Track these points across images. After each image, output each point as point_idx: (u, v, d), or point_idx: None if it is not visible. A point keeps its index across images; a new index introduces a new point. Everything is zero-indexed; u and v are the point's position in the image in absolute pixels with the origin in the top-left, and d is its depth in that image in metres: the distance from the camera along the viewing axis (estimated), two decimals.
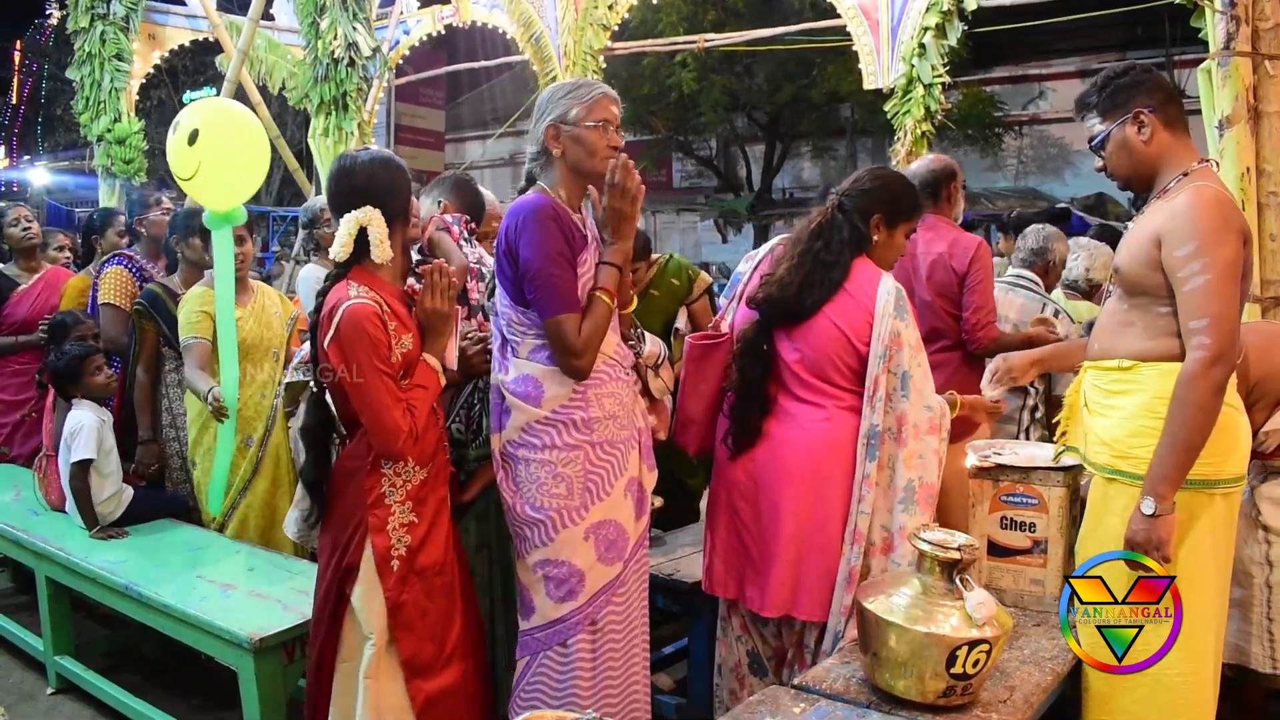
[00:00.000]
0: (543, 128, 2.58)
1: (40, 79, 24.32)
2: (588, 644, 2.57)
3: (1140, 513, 2.29)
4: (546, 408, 2.53)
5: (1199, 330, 2.26)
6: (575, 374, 2.51)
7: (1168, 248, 2.31)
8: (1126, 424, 2.42)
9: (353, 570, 2.46)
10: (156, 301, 4.10)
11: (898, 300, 2.66)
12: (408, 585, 2.48)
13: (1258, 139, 4.28)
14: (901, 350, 2.63)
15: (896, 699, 2.15)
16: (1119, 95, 2.46)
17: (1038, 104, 17.00)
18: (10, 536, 3.83)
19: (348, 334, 2.35)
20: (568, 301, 2.48)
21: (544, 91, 2.66)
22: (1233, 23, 4.24)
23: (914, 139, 5.74)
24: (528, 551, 2.58)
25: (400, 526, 2.47)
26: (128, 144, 7.50)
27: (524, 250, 2.47)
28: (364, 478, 2.47)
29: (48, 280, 5.06)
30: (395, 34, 8.76)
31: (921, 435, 2.63)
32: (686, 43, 8.60)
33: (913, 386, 2.63)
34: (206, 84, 4.14)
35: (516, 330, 2.57)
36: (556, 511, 2.53)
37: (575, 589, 2.55)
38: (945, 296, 3.66)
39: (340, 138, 7.39)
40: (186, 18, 8.38)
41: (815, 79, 15.04)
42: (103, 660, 3.85)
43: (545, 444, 2.53)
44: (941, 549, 2.16)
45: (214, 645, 2.92)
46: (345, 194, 2.48)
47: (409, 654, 2.48)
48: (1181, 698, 2.37)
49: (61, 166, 22.40)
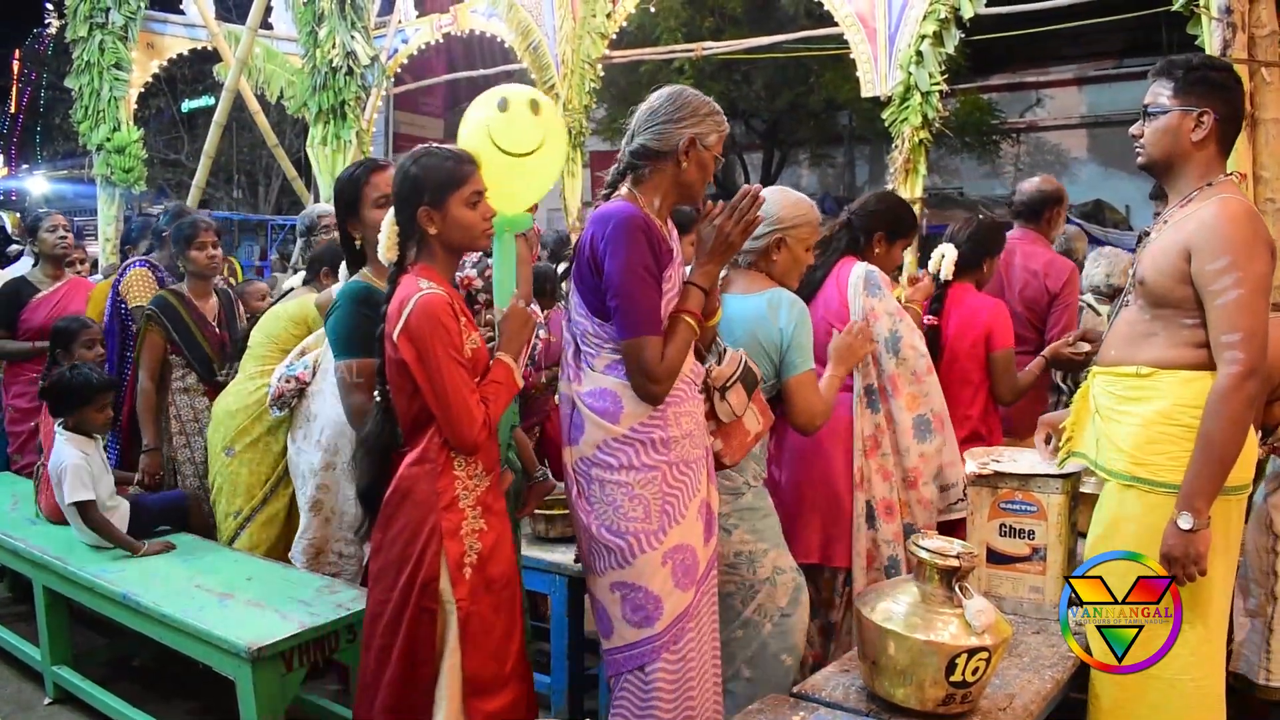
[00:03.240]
0: (683, 134, 2.47)
1: (39, 88, 24.41)
2: (668, 670, 2.48)
3: (1176, 527, 2.27)
4: (625, 425, 2.44)
5: (1232, 344, 2.24)
6: (651, 399, 2.43)
7: (1199, 261, 2.28)
8: (1145, 431, 2.40)
9: (433, 581, 2.34)
10: (167, 308, 4.10)
11: (866, 279, 3.08)
12: (477, 597, 2.38)
13: (1255, 145, 4.29)
14: (879, 320, 3.04)
15: (896, 707, 2.15)
16: (1201, 86, 2.39)
17: (1035, 111, 17.02)
18: (8, 546, 3.82)
19: (420, 323, 2.28)
20: (650, 323, 2.39)
21: (684, 95, 2.54)
22: (1229, 30, 4.25)
23: (911, 146, 5.75)
24: (603, 570, 2.49)
25: (472, 533, 2.38)
26: (126, 152, 7.51)
27: (610, 263, 2.39)
28: (436, 480, 2.37)
29: (69, 288, 5.04)
30: (393, 42, 8.79)
31: (922, 378, 3.05)
32: (684, 50, 8.63)
33: (904, 344, 3.05)
34: (205, 93, 4.15)
35: (592, 342, 2.49)
36: (634, 536, 2.44)
37: (653, 615, 2.46)
38: (1033, 310, 4.01)
39: (339, 146, 7.41)
40: (185, 27, 8.41)
41: (813, 86, 15.03)
42: (101, 670, 3.83)
43: (622, 464, 2.45)
44: (940, 557, 2.16)
45: (212, 655, 2.91)
46: (395, 198, 2.48)
47: (471, 671, 2.37)
48: (1195, 703, 2.38)
49: (60, 175, 22.45)
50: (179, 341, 4.08)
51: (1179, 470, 2.32)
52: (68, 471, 3.56)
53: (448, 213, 2.39)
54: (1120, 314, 2.58)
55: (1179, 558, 2.27)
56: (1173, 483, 2.33)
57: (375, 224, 2.63)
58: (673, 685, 2.47)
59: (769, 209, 2.70)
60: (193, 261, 4.16)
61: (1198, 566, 2.27)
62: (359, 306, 2.59)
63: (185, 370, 4.13)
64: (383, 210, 2.64)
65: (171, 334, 4.07)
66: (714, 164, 2.53)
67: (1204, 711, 2.40)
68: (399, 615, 2.37)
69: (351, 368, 2.62)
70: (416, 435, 2.41)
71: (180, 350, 4.08)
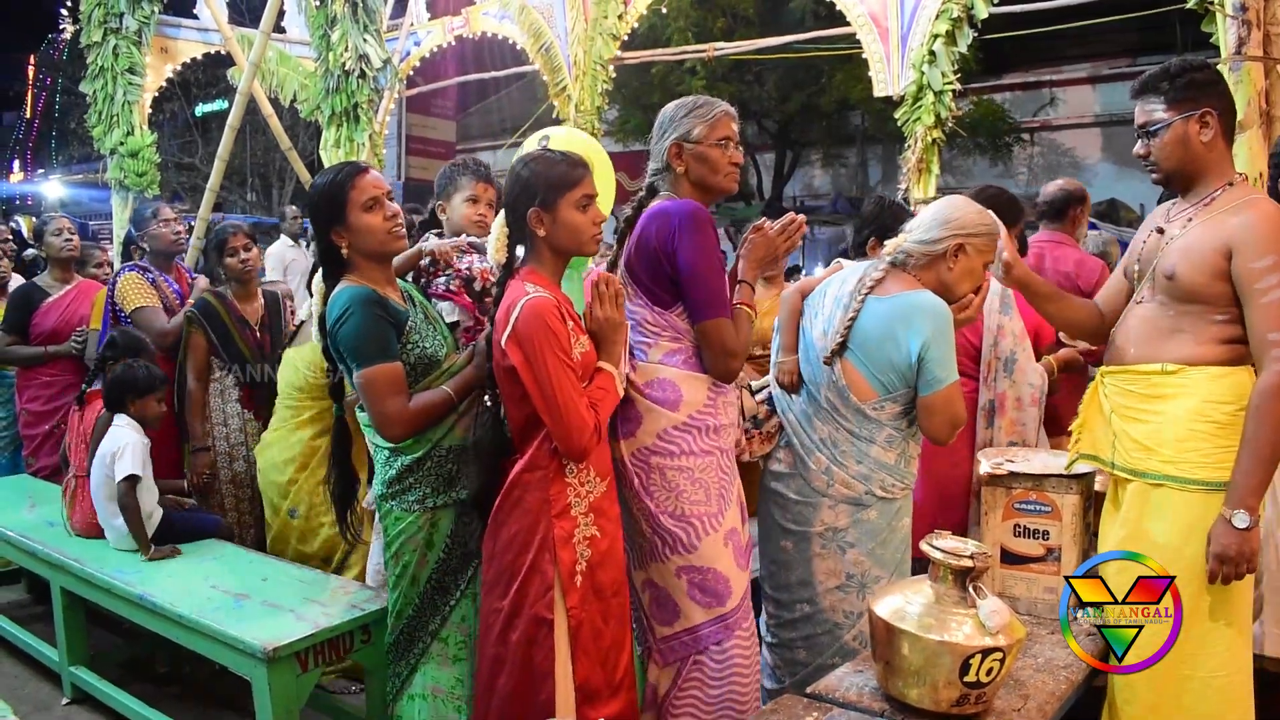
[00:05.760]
0: (665, 145, 2.64)
1: (54, 93, 24.54)
2: (742, 644, 2.60)
3: (1230, 526, 2.28)
4: (684, 413, 2.55)
5: (1278, 342, 2.26)
6: (729, 376, 2.58)
7: (1242, 259, 2.29)
8: (1174, 428, 2.39)
9: (547, 592, 2.33)
10: (209, 311, 4.14)
11: (1003, 298, 3.31)
12: (587, 604, 2.38)
13: (1269, 143, 4.26)
14: (1005, 339, 3.28)
15: (910, 707, 2.14)
16: (1192, 89, 2.40)
17: (1048, 111, 16.95)
18: (26, 548, 3.84)
19: (528, 328, 2.28)
20: (726, 305, 2.55)
21: (666, 109, 2.70)
22: (1244, 27, 4.22)
23: (924, 146, 5.74)
24: (667, 556, 2.57)
25: (584, 540, 2.37)
26: (140, 157, 7.55)
27: (686, 253, 2.49)
28: (548, 487, 2.36)
29: (79, 291, 5.06)
30: (406, 45, 8.82)
31: (1024, 407, 3.24)
32: (696, 51, 8.62)
33: (1018, 368, 3.25)
34: (219, 97, 4.18)
35: (648, 331, 2.59)
36: (698, 519, 2.55)
37: (724, 594, 2.57)
38: None
39: (352, 149, 7.43)
40: (199, 31, 8.44)
41: (825, 87, 15.01)
42: (117, 670, 3.85)
43: (683, 450, 2.55)
44: (954, 557, 2.15)
45: (228, 655, 2.92)
46: (506, 199, 2.50)
47: (582, 678, 2.37)
48: (1230, 698, 2.38)
49: (75, 180, 22.59)
50: (217, 343, 4.14)
51: (1212, 467, 2.32)
52: (128, 448, 3.60)
53: (558, 215, 2.40)
54: (1134, 311, 2.55)
55: (1234, 556, 2.27)
56: (1206, 480, 2.33)
57: (366, 229, 2.58)
58: (746, 658, 2.60)
59: (952, 214, 2.65)
60: (227, 268, 4.23)
61: (1249, 564, 2.28)
62: (373, 309, 2.54)
63: (223, 372, 4.18)
64: (372, 214, 2.58)
65: (210, 335, 4.12)
66: (722, 149, 2.61)
67: (1237, 706, 2.40)
68: (510, 625, 2.37)
69: (383, 373, 2.52)
70: (527, 441, 2.40)
71: (218, 352, 4.14)
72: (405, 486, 2.62)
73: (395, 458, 2.62)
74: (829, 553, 2.74)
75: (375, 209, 2.59)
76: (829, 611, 2.73)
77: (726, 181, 2.65)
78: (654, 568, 2.61)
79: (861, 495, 2.70)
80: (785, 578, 2.83)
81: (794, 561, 2.80)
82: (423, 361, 2.62)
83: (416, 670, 2.71)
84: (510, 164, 2.54)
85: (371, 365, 2.51)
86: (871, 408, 2.66)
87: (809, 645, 2.79)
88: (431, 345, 2.65)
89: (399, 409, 2.52)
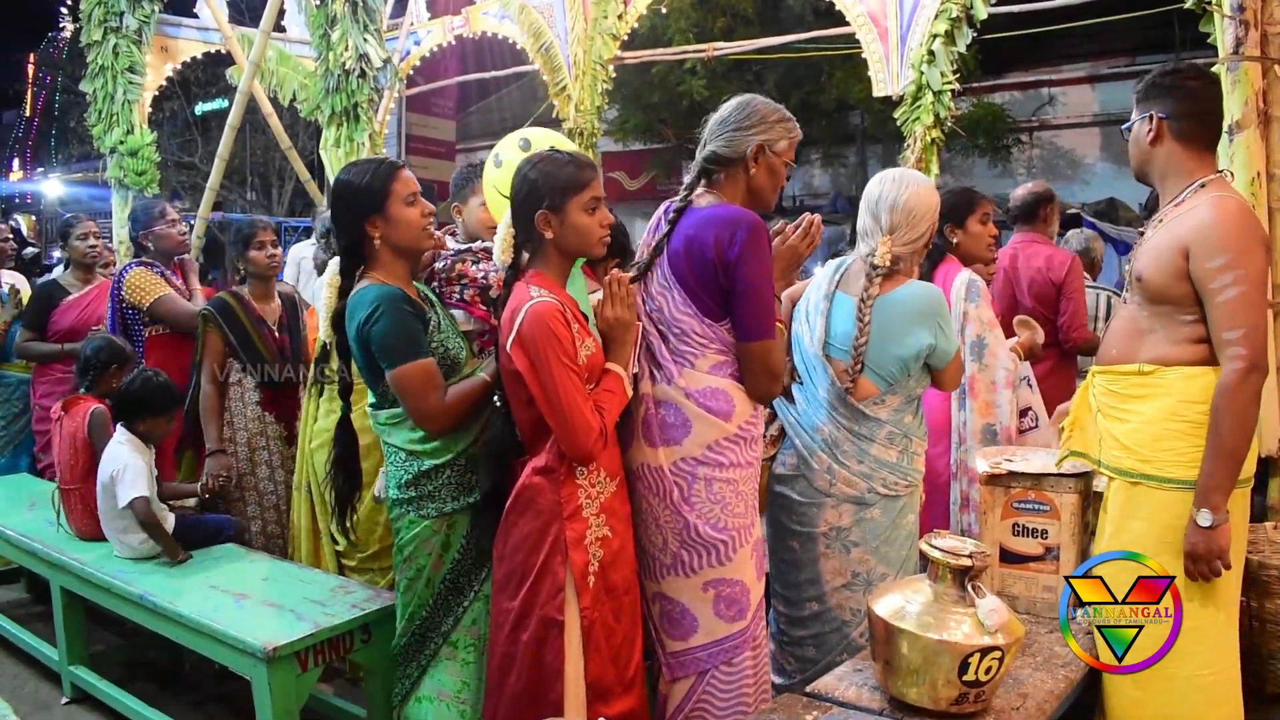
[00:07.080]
0: (749, 141, 2.54)
1: (54, 92, 24.53)
2: (752, 659, 2.55)
3: (1196, 525, 2.30)
4: (735, 424, 2.48)
5: (1234, 340, 2.27)
6: (769, 398, 2.57)
7: (1197, 259, 2.32)
8: (1149, 428, 2.41)
9: (558, 593, 2.34)
10: (224, 309, 4.07)
11: (969, 287, 3.37)
12: (599, 603, 2.38)
13: (1268, 144, 4.25)
14: (969, 324, 3.33)
15: (909, 706, 2.15)
16: (1149, 91, 2.51)
17: (1047, 110, 16.93)
18: (26, 548, 3.85)
19: (532, 333, 2.28)
20: (774, 327, 2.48)
21: (755, 102, 2.62)
22: (1242, 27, 4.21)
23: (924, 146, 5.73)
24: (697, 568, 2.50)
25: (595, 541, 2.37)
26: (140, 156, 7.52)
27: (748, 267, 2.40)
28: (559, 489, 2.36)
29: (99, 291, 5.04)
30: (406, 45, 8.80)
31: (999, 389, 3.29)
32: (696, 51, 8.60)
33: (988, 352, 3.31)
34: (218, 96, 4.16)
35: (694, 342, 2.49)
36: (737, 531, 2.50)
37: (744, 607, 2.52)
38: (1044, 304, 4.39)
39: (352, 148, 7.41)
40: (199, 30, 8.42)
41: (824, 86, 14.98)
42: (117, 670, 3.86)
43: (731, 461, 2.49)
44: (953, 556, 2.16)
45: (228, 655, 2.93)
46: (513, 201, 2.48)
47: (594, 676, 2.38)
48: (1215, 695, 2.39)
49: (75, 178, 22.57)
50: (234, 343, 4.04)
51: (1186, 466, 2.34)
52: (127, 470, 3.53)
53: (566, 217, 2.39)
54: (1119, 312, 2.61)
55: (1203, 554, 2.29)
56: (1180, 478, 2.35)
57: (405, 221, 2.60)
58: (754, 673, 2.55)
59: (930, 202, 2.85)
60: (252, 263, 4.14)
61: (1221, 561, 2.29)
62: (403, 306, 2.53)
63: (242, 374, 4.08)
64: (412, 209, 2.61)
65: (228, 335, 4.03)
66: (785, 170, 2.57)
67: (1224, 703, 2.41)
68: (521, 624, 2.37)
69: (420, 369, 2.51)
70: (537, 444, 2.41)
71: (236, 352, 4.05)
72: (424, 494, 2.61)
73: (412, 460, 2.61)
74: (834, 552, 2.75)
75: (415, 204, 2.63)
76: (837, 610, 2.75)
77: (770, 200, 2.60)
78: (670, 582, 2.54)
79: (864, 494, 2.71)
80: (794, 577, 2.85)
81: (801, 561, 2.81)
82: (446, 362, 2.62)
83: (426, 673, 2.71)
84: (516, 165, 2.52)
85: (407, 362, 2.51)
86: (871, 404, 2.68)
87: (818, 643, 2.81)
88: (454, 346, 2.67)
89: (439, 402, 2.53)
